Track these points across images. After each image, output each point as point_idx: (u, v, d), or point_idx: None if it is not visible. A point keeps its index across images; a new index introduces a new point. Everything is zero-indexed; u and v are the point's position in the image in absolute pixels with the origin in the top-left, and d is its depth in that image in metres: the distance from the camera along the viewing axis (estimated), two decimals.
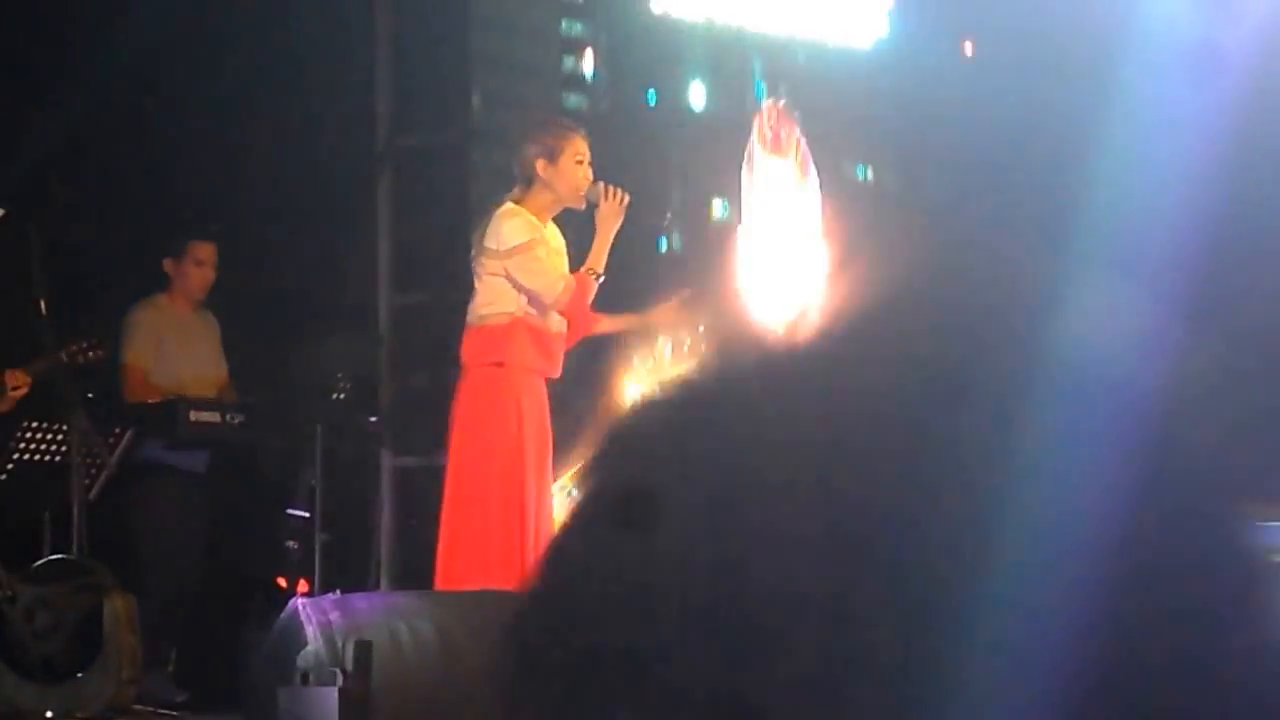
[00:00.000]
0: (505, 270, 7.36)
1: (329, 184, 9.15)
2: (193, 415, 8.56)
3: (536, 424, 7.43)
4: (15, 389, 7.91)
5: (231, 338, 9.05)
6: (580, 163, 7.52)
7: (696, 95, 9.75)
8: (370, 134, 9.31)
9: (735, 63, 9.74)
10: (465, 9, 9.31)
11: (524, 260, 7.35)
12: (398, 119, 9.30)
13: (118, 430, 8.25)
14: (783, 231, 8.69)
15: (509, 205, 7.46)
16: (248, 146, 9.05)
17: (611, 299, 7.96)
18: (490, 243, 7.38)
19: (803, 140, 8.66)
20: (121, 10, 8.72)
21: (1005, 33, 10.24)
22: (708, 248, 9.59)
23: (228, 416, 8.64)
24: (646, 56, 9.68)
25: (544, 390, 7.51)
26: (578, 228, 7.75)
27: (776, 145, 8.81)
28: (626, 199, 7.48)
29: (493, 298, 7.40)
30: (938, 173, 10.47)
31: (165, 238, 8.87)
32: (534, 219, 7.44)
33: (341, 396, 8.90)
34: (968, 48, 10.51)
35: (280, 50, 9.08)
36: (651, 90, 9.72)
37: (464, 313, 7.49)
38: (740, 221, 8.66)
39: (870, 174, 10.37)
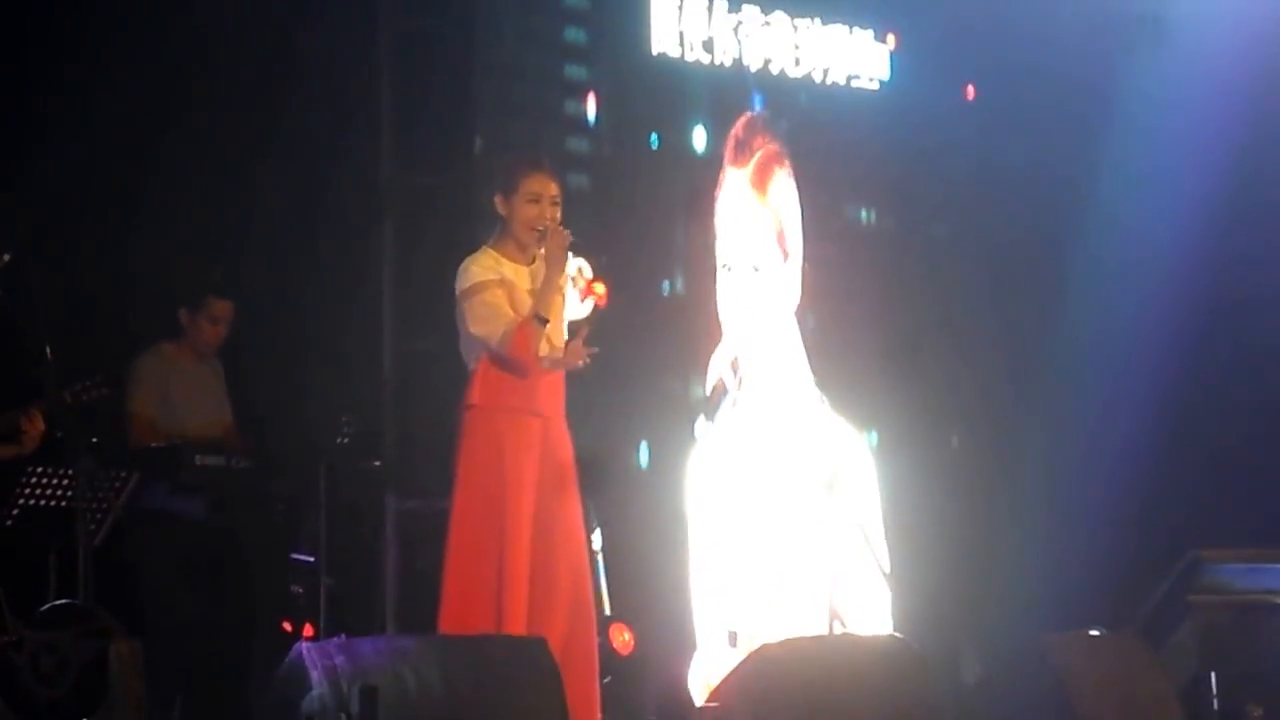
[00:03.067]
0: (462, 312, 7.24)
1: (333, 226, 9.15)
2: (197, 459, 8.57)
3: (532, 463, 7.25)
4: (31, 432, 7.89)
5: (236, 381, 9.05)
6: (534, 201, 7.25)
7: (699, 138, 9.76)
8: (374, 176, 9.32)
9: (737, 105, 9.75)
10: (468, 51, 9.34)
11: (472, 304, 7.18)
12: (401, 161, 9.31)
13: (123, 475, 8.24)
14: (743, 245, 8.63)
15: (482, 247, 7.32)
16: (251, 189, 9.06)
17: (617, 340, 7.97)
18: (455, 287, 7.26)
19: (772, 151, 8.58)
20: (127, 54, 8.74)
21: (1007, 76, 10.27)
22: (711, 290, 9.61)
23: (232, 460, 8.65)
24: (649, 100, 9.70)
25: (541, 429, 7.29)
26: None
27: (735, 156, 8.80)
28: (569, 237, 7.16)
29: (467, 342, 7.31)
30: (939, 214, 10.50)
31: (178, 284, 8.88)
32: (502, 259, 7.27)
33: (346, 440, 8.87)
34: (969, 91, 10.54)
35: (284, 92, 9.09)
36: (654, 133, 9.73)
37: None
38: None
39: (872, 216, 10.39)
